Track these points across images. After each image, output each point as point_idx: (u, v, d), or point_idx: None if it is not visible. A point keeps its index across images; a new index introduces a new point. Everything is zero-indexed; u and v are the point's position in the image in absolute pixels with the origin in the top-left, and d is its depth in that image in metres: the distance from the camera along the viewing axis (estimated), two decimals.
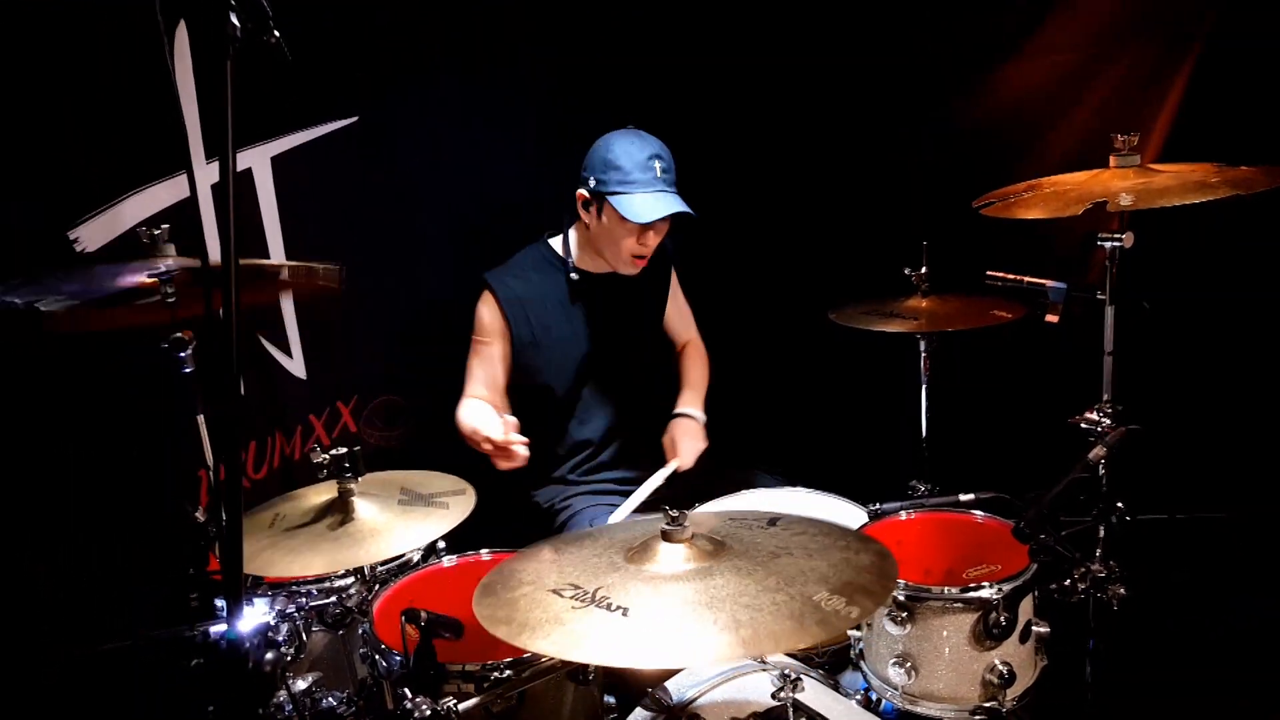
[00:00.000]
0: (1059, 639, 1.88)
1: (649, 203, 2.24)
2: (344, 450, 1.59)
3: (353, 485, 1.59)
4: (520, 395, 2.47)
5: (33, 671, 1.95)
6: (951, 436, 2.53)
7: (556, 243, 2.50)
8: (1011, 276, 2.14)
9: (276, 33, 1.19)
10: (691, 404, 2.55)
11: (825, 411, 2.89)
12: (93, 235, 2.19)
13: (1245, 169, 1.79)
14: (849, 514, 2.19)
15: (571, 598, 1.35)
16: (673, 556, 1.42)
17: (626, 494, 2.38)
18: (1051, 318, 2.05)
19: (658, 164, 2.27)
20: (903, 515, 2.08)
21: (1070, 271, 2.21)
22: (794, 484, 2.35)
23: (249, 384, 2.50)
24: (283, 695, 1.64)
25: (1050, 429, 2.38)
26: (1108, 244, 1.91)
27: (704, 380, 2.65)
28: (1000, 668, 1.78)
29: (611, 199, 2.26)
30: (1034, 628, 1.84)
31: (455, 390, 2.45)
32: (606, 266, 2.45)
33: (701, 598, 1.30)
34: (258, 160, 2.46)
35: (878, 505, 2.15)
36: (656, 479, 2.31)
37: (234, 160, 1.14)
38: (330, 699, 1.70)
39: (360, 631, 1.78)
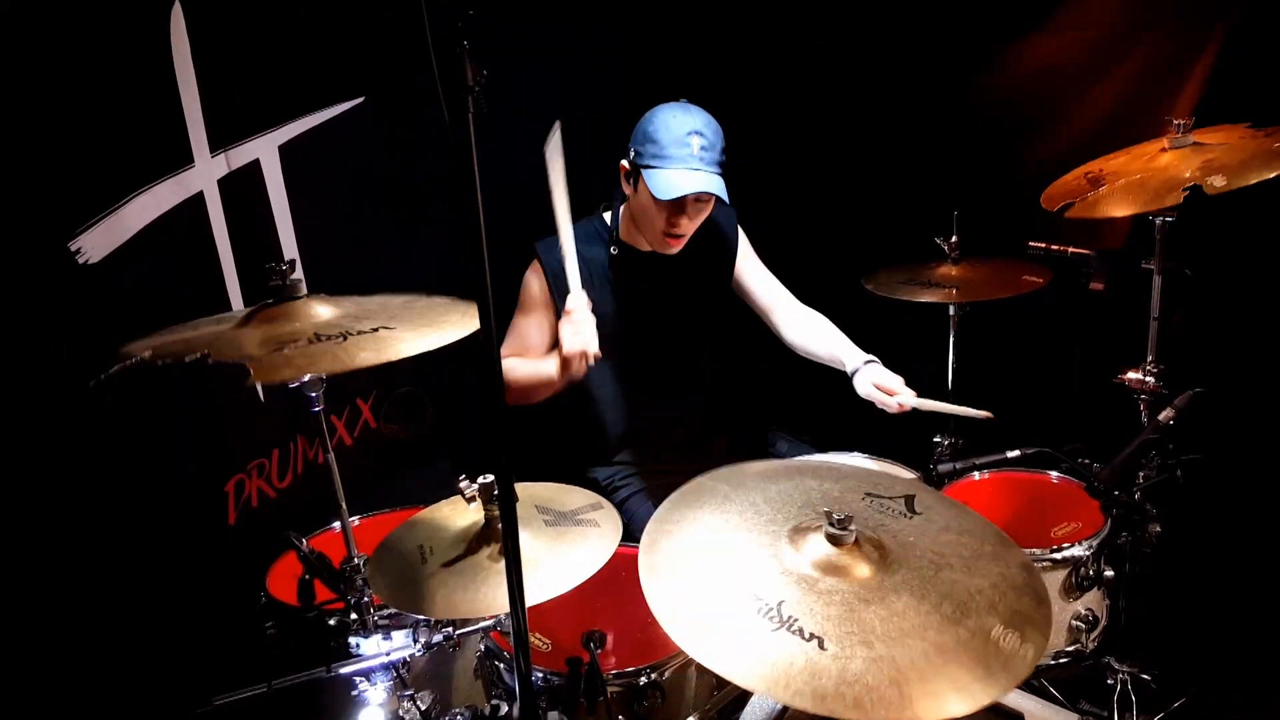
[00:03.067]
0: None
1: (677, 177, 2.18)
2: (490, 478, 1.53)
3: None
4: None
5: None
6: (974, 392, 2.66)
7: (609, 215, 2.43)
8: (1055, 246, 2.25)
9: None
10: (858, 354, 2.41)
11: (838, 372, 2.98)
12: (95, 245, 2.00)
13: None
14: (906, 477, 2.28)
15: (760, 614, 1.31)
16: (844, 564, 1.40)
17: (680, 474, 2.41)
18: (1096, 285, 2.18)
19: (696, 140, 2.20)
20: (976, 476, 2.19)
21: (1086, 238, 2.35)
22: (835, 449, 2.40)
23: (268, 390, 2.36)
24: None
25: (1074, 388, 2.58)
26: (1158, 219, 2.04)
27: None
28: (1085, 613, 1.96)
29: (645, 173, 2.21)
30: (1104, 573, 2.02)
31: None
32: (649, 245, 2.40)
33: (892, 630, 1.27)
34: (265, 150, 2.27)
35: (934, 467, 2.26)
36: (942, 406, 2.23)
37: None
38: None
39: (483, 647, 1.76)
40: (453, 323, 1.45)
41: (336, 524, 2.14)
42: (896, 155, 2.98)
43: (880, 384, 2.28)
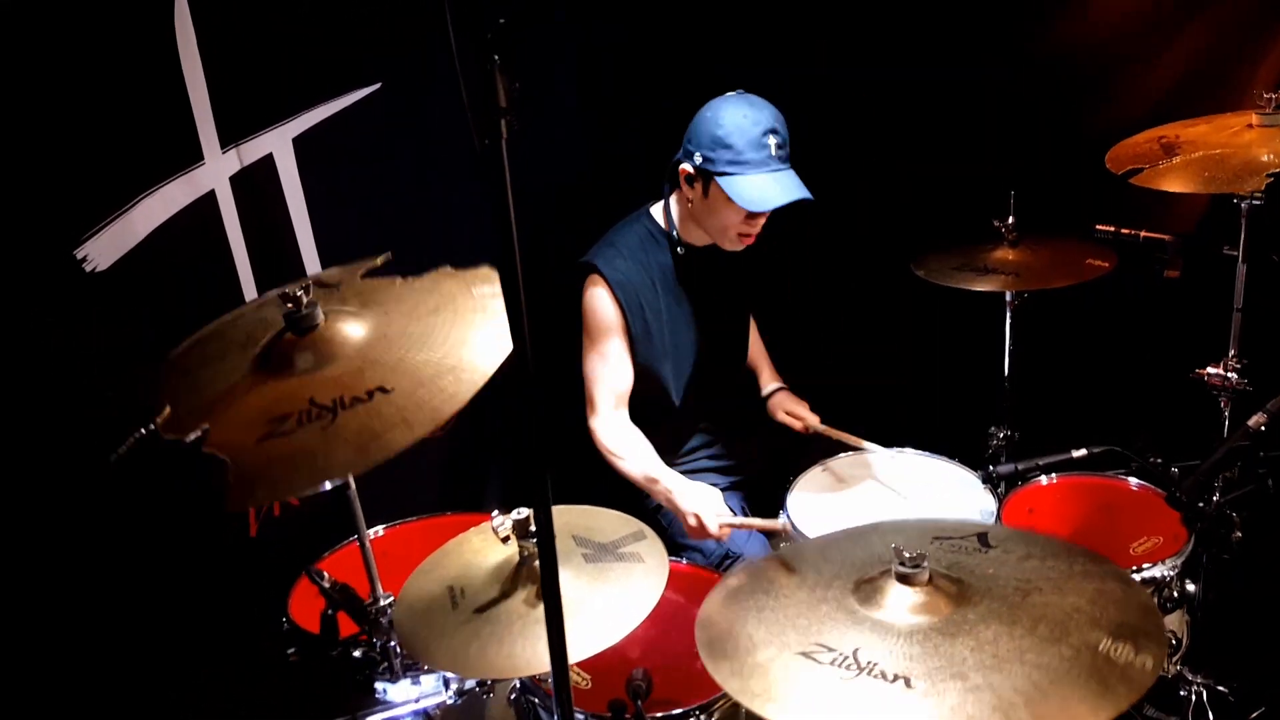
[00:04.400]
0: None
1: (764, 185, 2.04)
2: (526, 513, 1.42)
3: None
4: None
5: None
6: (1032, 384, 2.51)
7: (658, 213, 2.28)
8: (1126, 230, 2.08)
9: None
10: (772, 378, 2.48)
11: (898, 360, 2.81)
12: (103, 251, 1.90)
13: None
14: (964, 480, 2.15)
15: (834, 664, 1.26)
16: (919, 602, 1.32)
17: (726, 474, 2.33)
18: (1172, 273, 2.02)
19: (773, 140, 2.05)
20: (1043, 480, 2.06)
21: (1156, 219, 2.17)
22: (888, 446, 2.28)
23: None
24: None
25: (1137, 381, 2.40)
26: (1244, 203, 1.86)
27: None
28: (1168, 636, 1.82)
29: (721, 180, 2.06)
30: (1187, 588, 1.88)
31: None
32: (708, 239, 2.26)
33: (985, 659, 1.21)
34: (278, 144, 2.15)
35: (993, 469, 2.13)
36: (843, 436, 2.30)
37: None
38: None
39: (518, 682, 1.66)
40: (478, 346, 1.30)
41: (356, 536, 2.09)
42: (948, 125, 2.76)
43: (791, 410, 2.39)
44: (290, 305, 1.27)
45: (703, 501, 2.07)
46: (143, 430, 1.24)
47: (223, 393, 1.29)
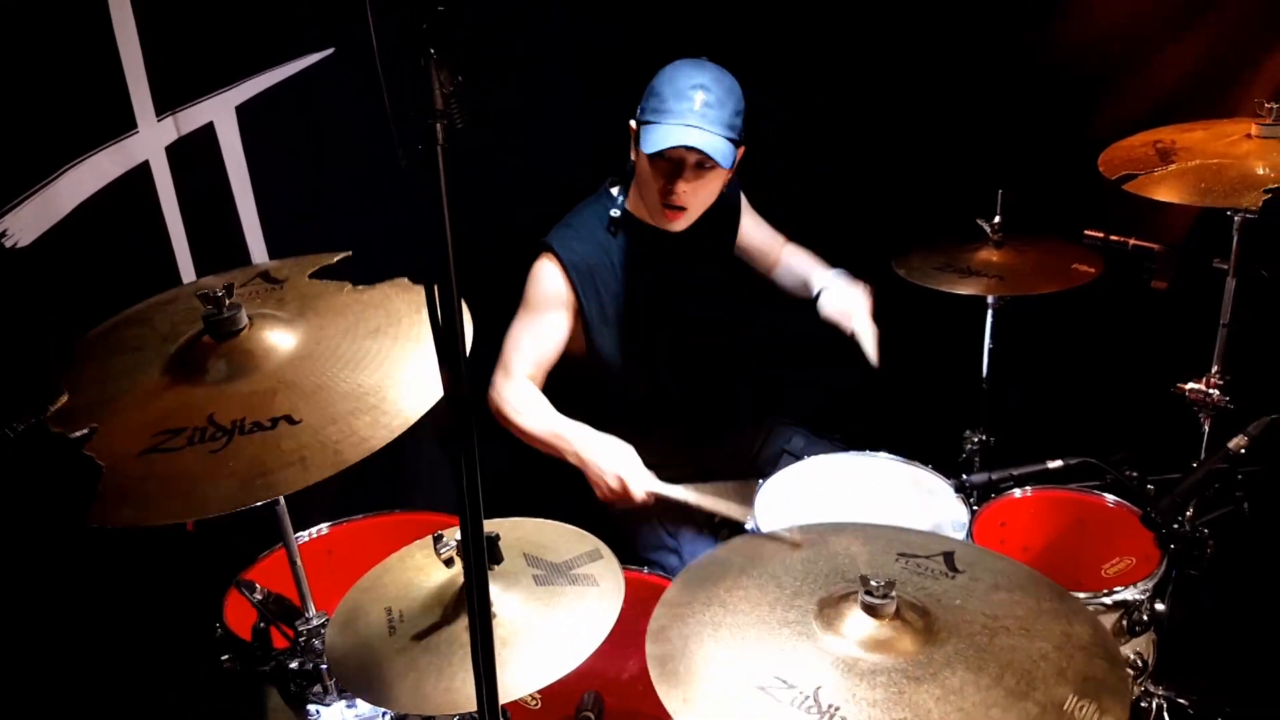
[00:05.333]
0: None
1: (669, 131, 1.94)
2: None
3: None
4: (568, 363, 2.18)
5: None
6: (1008, 390, 2.44)
7: (616, 189, 2.18)
8: (1116, 237, 2.00)
9: None
10: (827, 275, 2.32)
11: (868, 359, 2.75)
12: (24, 226, 1.75)
13: None
14: (936, 488, 2.08)
15: (794, 704, 1.19)
16: (886, 638, 1.27)
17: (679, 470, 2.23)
18: (1159, 284, 1.95)
19: (699, 95, 1.95)
20: (1017, 493, 2.00)
21: (1144, 227, 2.10)
22: (861, 448, 2.20)
23: None
24: None
25: (1117, 392, 2.33)
26: (1237, 216, 1.79)
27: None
28: (1133, 658, 1.78)
29: (642, 129, 1.99)
30: (1157, 609, 1.83)
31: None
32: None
33: (950, 712, 1.16)
34: (220, 111, 2.01)
35: (966, 478, 2.07)
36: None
37: None
38: None
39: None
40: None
41: (303, 535, 1.99)
42: (938, 120, 2.67)
43: (840, 310, 2.23)
44: (210, 306, 1.15)
45: (620, 460, 1.94)
46: (34, 417, 1.13)
47: (126, 389, 1.17)
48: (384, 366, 1.15)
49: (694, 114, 1.96)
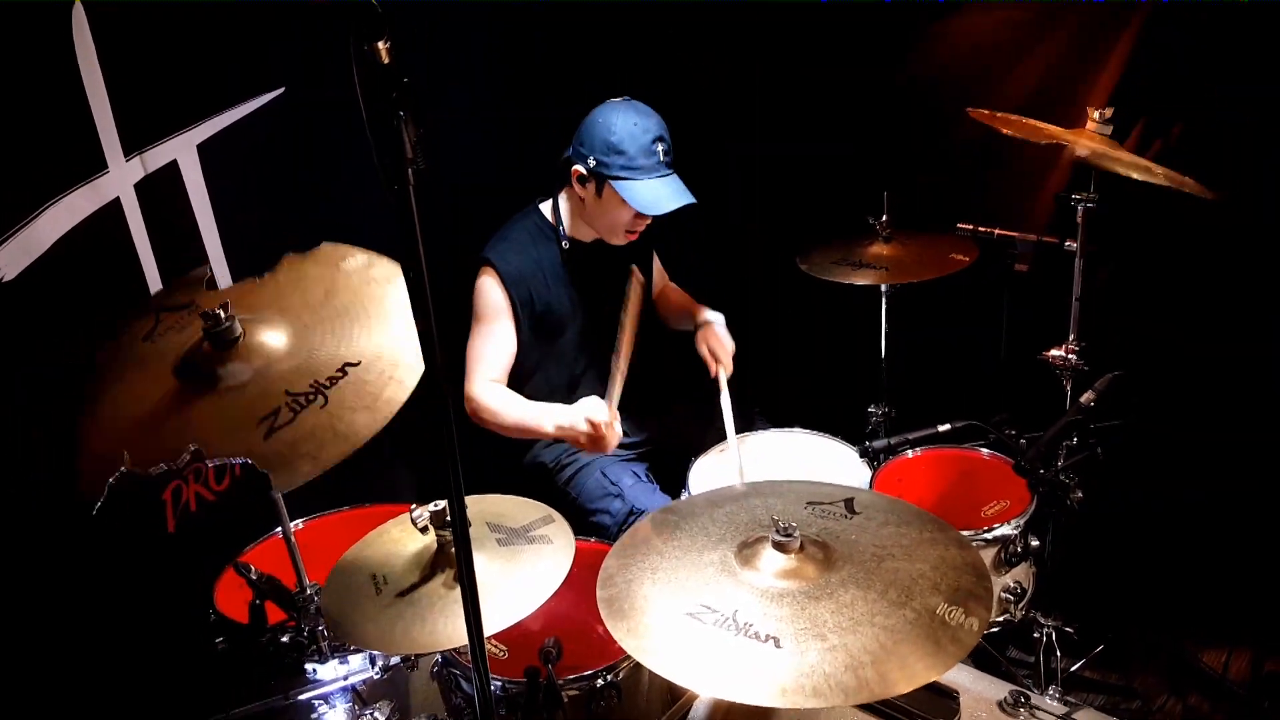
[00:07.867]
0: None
1: (656, 189, 2.22)
2: (442, 504, 1.54)
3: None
4: (521, 370, 2.43)
5: None
6: (905, 366, 2.76)
7: (547, 209, 2.42)
8: (982, 229, 2.32)
9: None
10: (704, 311, 2.54)
11: (778, 344, 3.04)
12: (9, 261, 1.92)
13: (1190, 180, 1.98)
14: (843, 455, 2.37)
15: (717, 625, 1.41)
16: (791, 568, 1.49)
17: (631, 448, 2.51)
18: (1021, 267, 2.27)
19: (660, 147, 2.23)
20: (910, 454, 2.29)
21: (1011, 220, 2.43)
22: (778, 426, 2.48)
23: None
24: None
25: (995, 362, 2.67)
26: (1080, 206, 2.11)
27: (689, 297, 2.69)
28: (1013, 585, 2.08)
29: (616, 184, 2.22)
30: (1031, 544, 2.14)
31: None
32: (594, 235, 2.41)
33: (843, 621, 1.37)
34: (182, 151, 2.17)
35: (869, 444, 2.36)
36: (726, 402, 2.36)
37: None
38: None
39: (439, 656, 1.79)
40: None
41: (279, 530, 2.17)
42: (830, 135, 2.99)
43: (710, 348, 2.43)
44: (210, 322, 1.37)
45: (583, 409, 2.18)
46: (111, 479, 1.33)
47: (148, 403, 1.38)
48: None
49: (662, 165, 2.24)
